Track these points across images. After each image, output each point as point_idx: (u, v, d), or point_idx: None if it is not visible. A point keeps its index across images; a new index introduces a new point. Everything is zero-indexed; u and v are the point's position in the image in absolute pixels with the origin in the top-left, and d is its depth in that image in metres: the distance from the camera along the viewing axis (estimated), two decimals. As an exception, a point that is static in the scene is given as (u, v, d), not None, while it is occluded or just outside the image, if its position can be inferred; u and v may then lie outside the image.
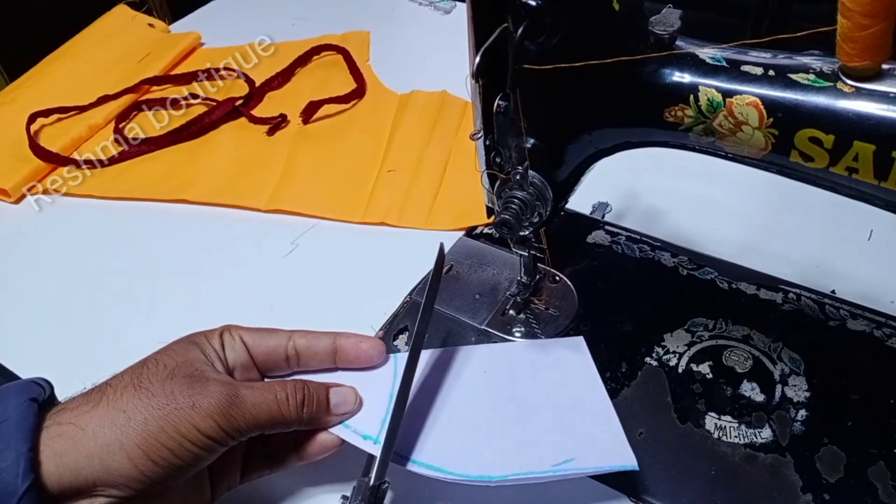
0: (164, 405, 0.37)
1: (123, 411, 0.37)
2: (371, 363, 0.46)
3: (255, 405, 0.39)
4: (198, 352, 0.41)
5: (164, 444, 0.37)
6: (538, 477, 0.42)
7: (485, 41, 0.40)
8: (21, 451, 0.34)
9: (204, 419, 0.37)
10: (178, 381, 0.39)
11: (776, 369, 0.50)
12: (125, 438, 0.36)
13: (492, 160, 0.48)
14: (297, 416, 0.41)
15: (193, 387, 0.38)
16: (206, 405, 0.38)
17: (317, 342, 0.45)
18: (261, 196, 0.70)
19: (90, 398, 0.38)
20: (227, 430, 0.38)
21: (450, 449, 0.43)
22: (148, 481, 0.37)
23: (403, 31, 0.94)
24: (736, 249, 0.59)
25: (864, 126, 0.34)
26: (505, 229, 0.47)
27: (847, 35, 0.32)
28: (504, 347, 0.52)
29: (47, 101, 0.81)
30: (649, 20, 0.39)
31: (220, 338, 0.43)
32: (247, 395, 0.39)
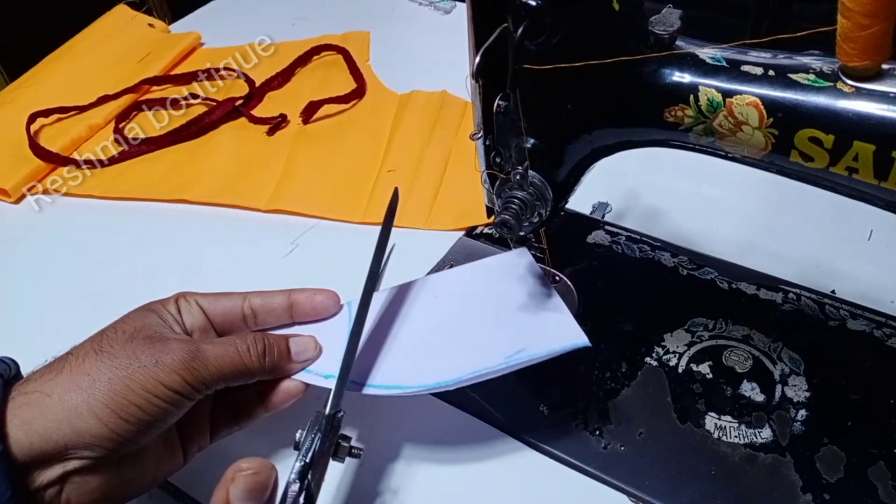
0: (128, 365, 0.38)
1: (87, 374, 0.37)
2: (327, 314, 0.47)
3: (217, 357, 0.40)
4: (155, 317, 0.42)
5: (131, 402, 0.37)
6: (492, 371, 0.44)
7: (485, 41, 0.40)
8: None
9: (168, 374, 0.38)
10: (138, 342, 0.39)
11: (776, 369, 0.50)
12: (92, 400, 0.37)
13: (492, 160, 0.47)
14: (260, 365, 0.42)
15: (155, 346, 0.39)
16: (168, 361, 0.38)
17: (272, 300, 0.46)
18: (261, 196, 0.70)
19: (53, 367, 0.39)
20: (192, 384, 0.39)
21: (405, 367, 0.45)
22: (119, 439, 0.37)
23: (403, 31, 0.94)
24: (736, 249, 0.59)
25: (864, 126, 0.34)
26: (505, 229, 0.46)
27: (847, 35, 0.32)
28: (451, 273, 0.53)
29: (47, 101, 0.81)
30: (649, 20, 0.39)
31: (175, 303, 0.44)
32: (208, 349, 0.40)
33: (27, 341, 0.59)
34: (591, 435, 0.47)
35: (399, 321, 0.48)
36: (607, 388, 0.50)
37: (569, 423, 0.48)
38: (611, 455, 0.46)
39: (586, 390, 0.50)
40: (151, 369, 0.38)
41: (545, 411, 0.49)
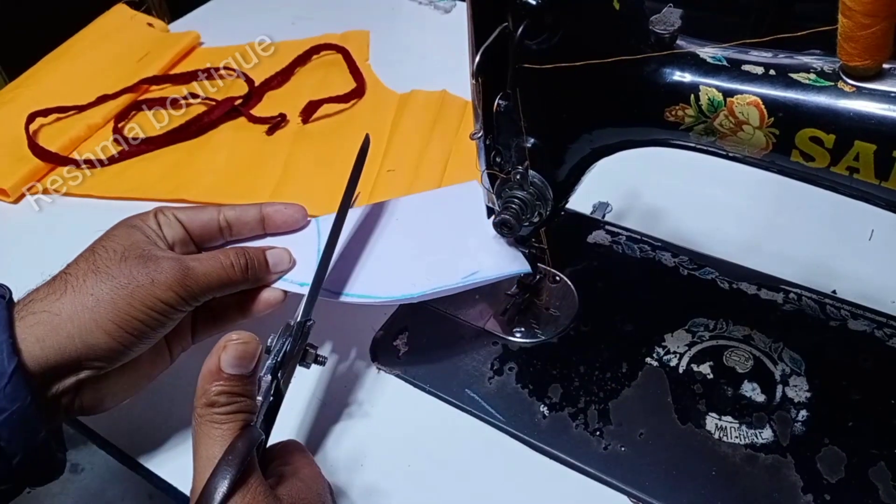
0: (127, 284, 0.42)
1: (91, 294, 0.41)
2: (296, 226, 0.52)
3: (206, 273, 0.45)
4: (139, 234, 0.46)
5: (134, 317, 0.42)
6: (451, 288, 0.49)
7: (485, 40, 0.40)
8: (1, 339, 0.39)
9: (164, 291, 0.43)
10: (131, 262, 0.43)
11: (777, 370, 0.50)
12: (98, 317, 0.41)
13: (492, 160, 0.47)
14: (243, 277, 0.47)
15: (147, 265, 0.43)
16: (163, 279, 0.43)
17: (245, 212, 0.50)
18: (260, 195, 0.69)
19: (55, 287, 0.42)
20: (186, 298, 0.44)
21: (375, 279, 0.50)
22: (124, 349, 0.42)
23: (403, 31, 0.94)
24: (737, 249, 0.59)
25: (865, 126, 0.34)
26: (505, 229, 0.46)
27: (848, 34, 0.32)
28: (411, 198, 0.58)
29: (46, 101, 0.81)
30: (650, 19, 0.39)
31: (155, 218, 0.47)
32: (196, 265, 0.45)
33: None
34: (591, 435, 0.47)
35: (369, 238, 0.53)
36: (608, 389, 0.50)
37: (569, 424, 0.48)
38: (611, 455, 0.46)
39: (586, 390, 0.50)
40: (149, 287, 0.42)
41: (545, 411, 0.49)
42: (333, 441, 0.49)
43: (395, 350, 0.54)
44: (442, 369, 0.52)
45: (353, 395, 0.52)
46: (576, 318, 0.55)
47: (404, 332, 0.55)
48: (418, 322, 0.56)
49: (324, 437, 0.49)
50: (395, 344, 0.54)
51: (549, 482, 0.46)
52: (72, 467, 1.33)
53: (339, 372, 0.54)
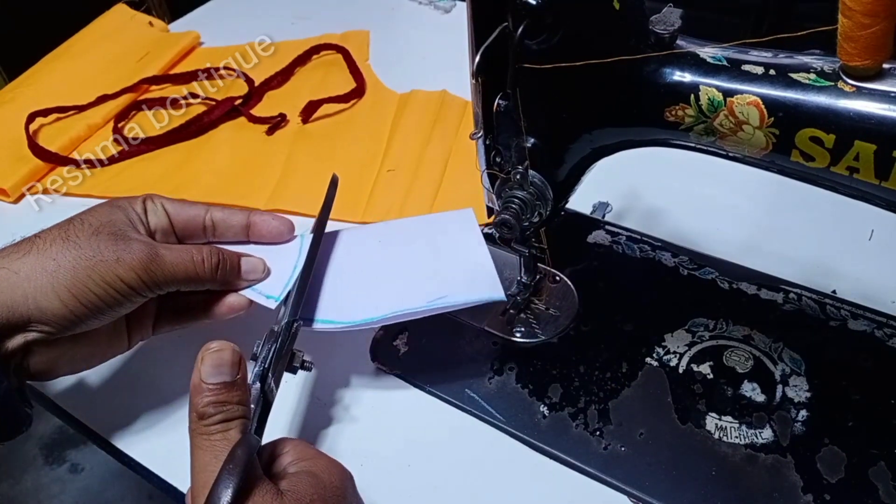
0: (91, 257, 0.42)
1: (53, 259, 0.42)
2: (280, 239, 0.51)
3: (174, 263, 0.44)
4: (121, 214, 0.45)
5: (90, 290, 0.42)
6: (415, 312, 0.48)
7: (485, 40, 0.40)
8: None
9: (127, 272, 0.42)
10: (103, 237, 0.43)
11: (777, 369, 0.50)
12: (56, 283, 0.41)
13: (492, 160, 0.47)
14: (212, 276, 0.46)
15: (118, 244, 0.43)
16: (129, 259, 0.43)
17: (232, 216, 0.50)
18: (260, 195, 0.69)
19: (20, 247, 0.42)
20: (147, 283, 0.43)
21: (342, 302, 0.50)
22: (75, 319, 0.42)
23: (403, 31, 0.94)
24: (736, 249, 0.59)
25: (865, 125, 0.34)
26: (505, 229, 0.46)
27: (848, 34, 0.32)
28: (398, 222, 0.57)
29: (46, 101, 0.81)
30: (650, 19, 0.39)
31: (142, 203, 0.47)
32: (166, 254, 0.44)
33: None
34: (591, 435, 0.47)
35: (343, 261, 0.52)
36: (607, 389, 0.50)
37: (569, 424, 0.48)
38: (611, 455, 0.46)
39: (586, 390, 0.50)
40: (112, 264, 0.42)
41: (545, 411, 0.49)
42: (333, 441, 0.49)
43: (395, 350, 0.54)
44: (442, 369, 0.52)
45: (354, 395, 0.52)
46: (576, 318, 0.55)
47: (404, 332, 0.55)
48: (418, 322, 0.55)
49: (324, 437, 0.49)
50: (394, 344, 0.54)
51: (549, 482, 0.46)
52: (71, 467, 1.33)
53: (339, 372, 0.54)
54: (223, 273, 0.47)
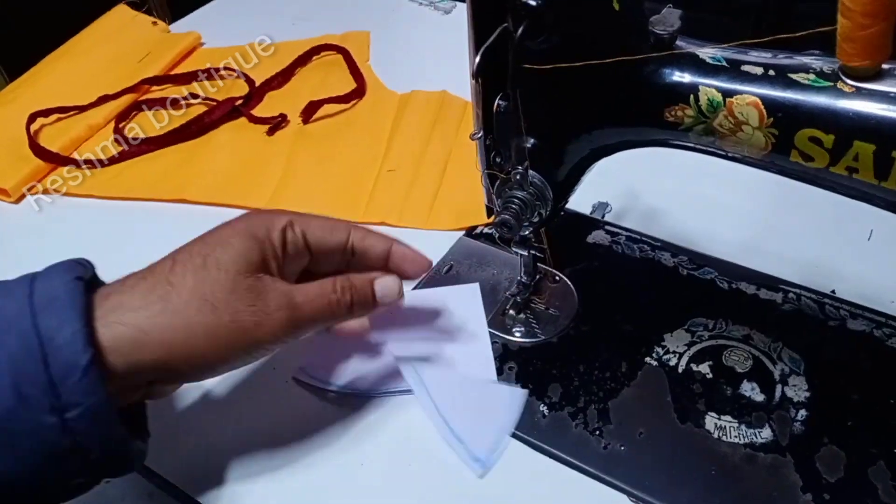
0: (230, 322, 0.39)
1: (189, 325, 0.38)
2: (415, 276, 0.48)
3: (313, 311, 0.42)
4: (258, 253, 0.42)
5: (231, 354, 0.40)
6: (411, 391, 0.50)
7: (485, 41, 0.40)
8: (76, 328, 0.35)
9: (268, 334, 0.40)
10: (240, 294, 0.40)
11: (776, 369, 0.50)
12: (191, 350, 0.38)
13: (492, 160, 0.48)
14: (349, 313, 0.44)
15: (256, 303, 0.40)
16: (269, 321, 0.40)
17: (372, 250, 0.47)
18: (261, 196, 0.70)
19: (151, 299, 0.39)
20: (289, 337, 0.41)
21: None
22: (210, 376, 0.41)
23: (403, 31, 0.94)
24: (736, 249, 0.59)
25: (865, 126, 0.34)
26: (505, 229, 0.47)
27: (847, 35, 0.32)
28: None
29: (47, 101, 0.81)
30: (649, 20, 0.39)
31: (282, 234, 0.44)
32: (303, 303, 0.42)
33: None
34: (591, 435, 0.47)
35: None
36: (607, 388, 0.50)
37: (568, 423, 0.48)
38: (611, 455, 0.46)
39: (586, 390, 0.50)
40: (252, 331, 0.40)
41: (545, 411, 0.49)
42: (332, 441, 0.49)
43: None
44: (442, 369, 0.52)
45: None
46: (575, 317, 0.55)
47: (404, 331, 0.55)
48: (418, 322, 0.56)
49: (323, 437, 0.49)
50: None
51: (549, 482, 0.46)
52: (72, 467, 1.33)
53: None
54: (359, 308, 0.44)
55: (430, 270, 0.50)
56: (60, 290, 0.37)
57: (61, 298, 0.36)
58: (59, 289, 0.37)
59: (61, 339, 0.35)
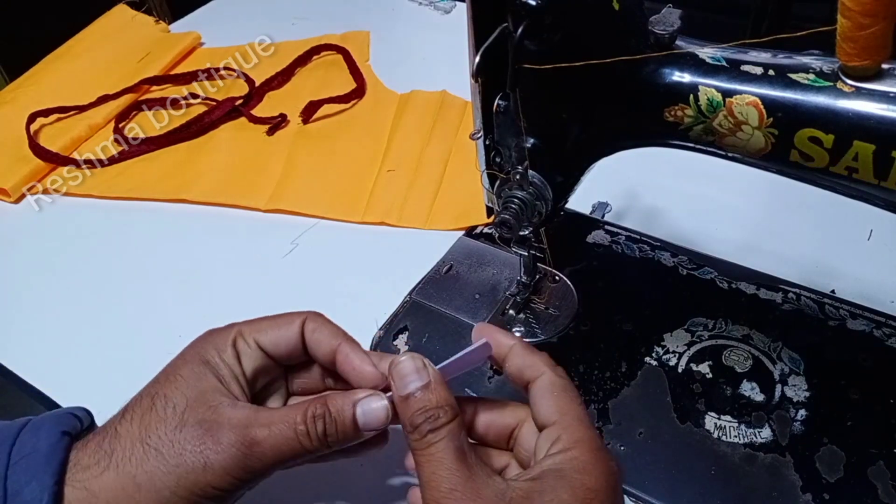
0: (175, 468, 0.35)
1: (133, 477, 0.35)
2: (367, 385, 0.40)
3: (275, 447, 0.36)
4: (211, 377, 0.38)
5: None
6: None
7: (485, 41, 0.40)
8: (46, 484, 0.34)
9: (219, 478, 0.35)
10: (188, 431, 0.36)
11: (776, 369, 0.50)
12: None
13: (492, 160, 0.48)
14: (320, 445, 0.37)
15: (205, 441, 0.36)
16: (219, 462, 0.35)
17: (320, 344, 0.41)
18: (261, 196, 0.70)
19: (100, 455, 0.36)
20: (246, 480, 0.36)
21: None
22: None
23: (403, 31, 0.94)
24: (736, 249, 0.59)
25: (864, 126, 0.34)
26: (505, 229, 0.47)
27: (847, 35, 0.32)
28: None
29: (47, 101, 0.81)
30: (649, 20, 0.39)
31: (233, 347, 0.40)
32: (263, 437, 0.36)
33: (27, 341, 0.59)
34: (591, 435, 0.47)
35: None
36: (607, 388, 0.50)
37: (569, 423, 0.48)
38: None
39: (586, 390, 0.50)
40: (200, 473, 0.35)
41: (545, 411, 0.49)
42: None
43: (396, 350, 0.54)
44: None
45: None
46: (575, 317, 0.55)
47: (404, 331, 0.55)
48: (418, 322, 0.56)
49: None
50: (395, 343, 0.55)
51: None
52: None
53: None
54: (334, 439, 0.37)
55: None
56: (43, 443, 0.35)
57: (40, 453, 0.35)
58: (42, 442, 0.36)
59: (28, 494, 0.34)
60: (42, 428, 0.36)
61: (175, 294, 0.62)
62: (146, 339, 0.58)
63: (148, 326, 0.59)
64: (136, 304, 0.61)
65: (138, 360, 0.56)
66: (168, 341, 0.57)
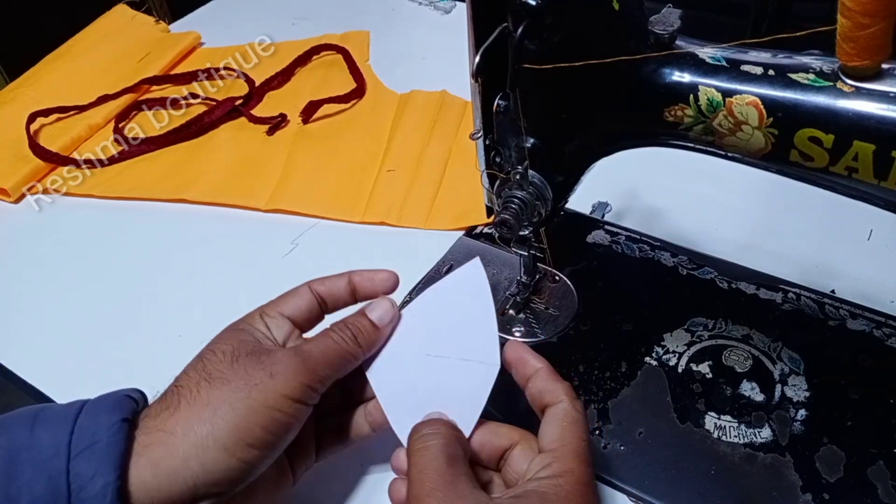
0: (244, 386, 0.37)
1: (207, 405, 0.37)
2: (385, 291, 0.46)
3: (323, 353, 0.40)
4: (246, 335, 0.42)
5: (257, 423, 0.37)
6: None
7: (485, 41, 0.40)
8: (109, 480, 0.34)
9: (287, 383, 0.38)
10: (244, 360, 0.39)
11: (776, 369, 0.50)
12: (216, 430, 0.36)
13: (492, 160, 0.48)
14: (356, 346, 0.42)
15: (262, 360, 0.39)
16: (283, 370, 0.38)
17: (334, 284, 0.46)
18: (261, 196, 0.70)
19: (168, 402, 0.38)
20: (312, 385, 0.39)
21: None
22: (247, 468, 0.37)
23: (403, 31, 0.94)
24: (736, 249, 0.59)
25: (864, 126, 0.34)
26: (505, 229, 0.47)
27: (847, 34, 0.32)
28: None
29: (47, 101, 0.81)
30: (649, 20, 0.39)
31: (261, 318, 0.43)
32: (311, 348, 0.40)
33: (27, 341, 0.59)
34: (591, 435, 0.47)
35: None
36: (607, 388, 0.50)
37: (569, 423, 0.48)
38: (611, 455, 0.46)
39: (586, 389, 0.50)
40: (269, 383, 0.38)
41: (545, 411, 0.49)
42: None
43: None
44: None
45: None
46: (575, 317, 0.55)
47: (404, 331, 0.55)
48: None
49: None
50: (395, 343, 0.54)
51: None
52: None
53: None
54: (364, 338, 0.43)
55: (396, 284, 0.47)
56: (103, 432, 0.35)
57: (101, 443, 0.35)
58: (102, 431, 0.35)
59: (92, 489, 0.34)
60: (100, 415, 0.36)
61: (175, 294, 0.62)
62: (146, 338, 0.58)
63: (148, 326, 0.59)
64: (135, 303, 0.61)
65: (138, 360, 0.56)
66: (168, 341, 0.57)
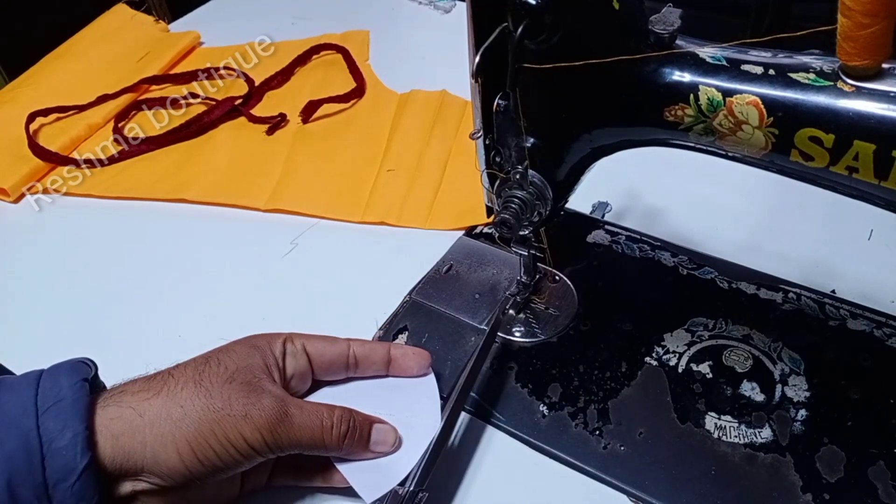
0: (220, 409, 0.39)
1: (181, 406, 0.39)
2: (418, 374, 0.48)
3: (301, 427, 0.41)
4: (258, 358, 0.43)
5: (211, 446, 0.39)
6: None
7: (485, 40, 0.40)
8: (78, 430, 0.36)
9: (252, 431, 0.39)
10: (235, 386, 0.40)
11: (776, 369, 0.50)
12: (178, 434, 0.38)
13: (492, 159, 0.48)
14: (338, 445, 0.43)
15: (249, 396, 0.40)
16: (256, 417, 0.39)
17: (374, 352, 0.47)
18: (260, 195, 0.70)
19: (152, 385, 0.40)
20: (270, 445, 0.40)
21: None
22: (189, 476, 0.39)
23: (403, 31, 0.94)
24: (736, 249, 0.59)
25: (865, 125, 0.34)
26: (505, 229, 0.47)
27: (847, 34, 0.32)
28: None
29: (47, 101, 0.81)
30: (649, 19, 0.39)
31: (282, 345, 0.44)
32: (295, 415, 0.41)
33: (26, 341, 0.59)
34: (591, 435, 0.47)
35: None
36: (607, 388, 0.50)
37: (568, 423, 0.48)
38: (611, 455, 0.46)
39: (586, 390, 0.50)
40: (239, 420, 0.39)
41: (545, 411, 0.49)
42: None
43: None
44: (442, 369, 0.52)
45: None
46: (575, 317, 0.55)
47: (404, 331, 0.55)
48: (418, 321, 0.56)
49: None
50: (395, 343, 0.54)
51: (549, 481, 0.46)
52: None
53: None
54: (350, 443, 0.43)
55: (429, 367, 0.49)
56: (66, 391, 0.38)
57: (66, 400, 0.37)
58: (65, 390, 0.38)
59: (62, 440, 0.36)
60: (61, 377, 0.39)
61: (175, 294, 0.62)
62: (146, 338, 0.58)
63: (148, 326, 0.59)
64: (135, 303, 0.61)
65: (138, 360, 0.56)
66: (168, 341, 0.57)
